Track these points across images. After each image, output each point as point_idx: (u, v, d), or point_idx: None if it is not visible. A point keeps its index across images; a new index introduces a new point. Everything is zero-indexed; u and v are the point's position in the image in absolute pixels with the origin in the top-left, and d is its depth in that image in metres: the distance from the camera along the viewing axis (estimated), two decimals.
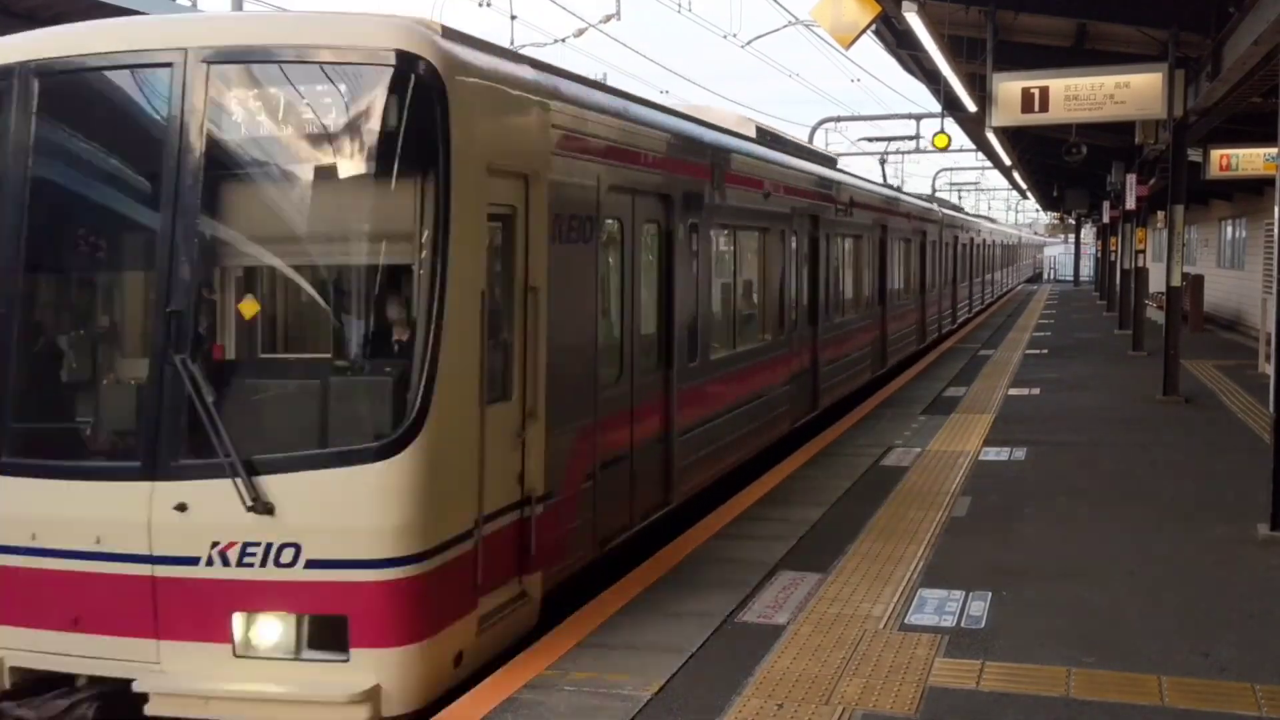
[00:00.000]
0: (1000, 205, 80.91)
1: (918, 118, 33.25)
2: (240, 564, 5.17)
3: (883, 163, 36.40)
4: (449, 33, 5.70)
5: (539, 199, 6.20)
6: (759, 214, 11.14)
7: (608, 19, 21.59)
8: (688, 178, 8.88)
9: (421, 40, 5.41)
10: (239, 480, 5.11)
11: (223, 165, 5.50)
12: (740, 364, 10.59)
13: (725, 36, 25.86)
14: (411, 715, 5.42)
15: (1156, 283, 30.22)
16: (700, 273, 9.24)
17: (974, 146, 30.41)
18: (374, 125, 5.37)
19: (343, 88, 5.42)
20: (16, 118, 5.60)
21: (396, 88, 5.35)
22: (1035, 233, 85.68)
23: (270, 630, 5.22)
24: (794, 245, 12.45)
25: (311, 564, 5.14)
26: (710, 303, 9.66)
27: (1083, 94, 14.15)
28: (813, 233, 13.30)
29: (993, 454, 11.35)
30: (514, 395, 6.06)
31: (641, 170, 7.89)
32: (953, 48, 14.41)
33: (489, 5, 19.89)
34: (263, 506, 5.11)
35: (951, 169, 56.00)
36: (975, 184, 62.56)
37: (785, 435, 12.16)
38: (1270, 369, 8.63)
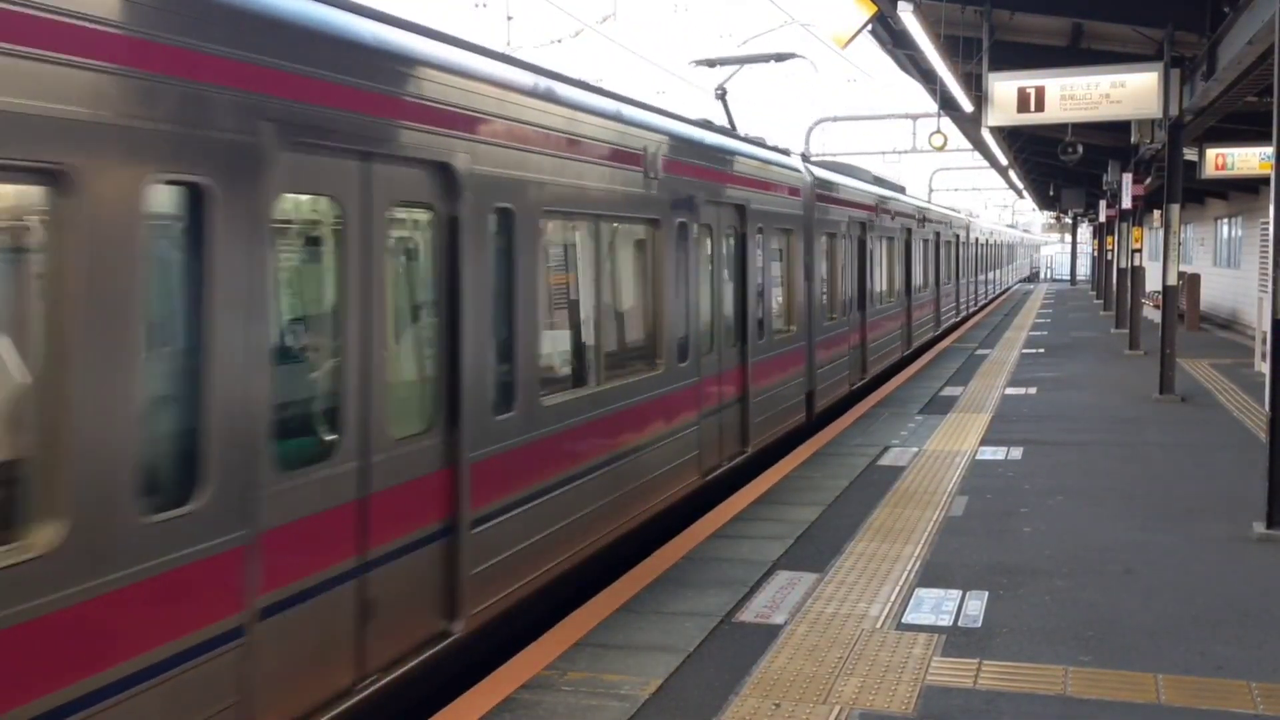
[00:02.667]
0: (997, 204, 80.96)
1: (914, 118, 33.32)
2: None
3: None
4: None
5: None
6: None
7: (605, 20, 21.64)
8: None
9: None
10: None
11: None
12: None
13: (721, 36, 25.91)
14: (408, 714, 5.43)
15: (1153, 281, 30.27)
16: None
17: (970, 146, 30.41)
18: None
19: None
20: None
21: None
22: (1022, 229, 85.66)
23: None
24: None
25: None
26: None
27: (1078, 93, 14.18)
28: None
29: (990, 453, 11.37)
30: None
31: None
32: (949, 47, 14.43)
33: (484, 6, 19.93)
34: None
35: (949, 169, 55.99)
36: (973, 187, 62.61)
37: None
38: (1266, 367, 8.64)
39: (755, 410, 11.04)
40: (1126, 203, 22.17)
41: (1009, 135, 24.25)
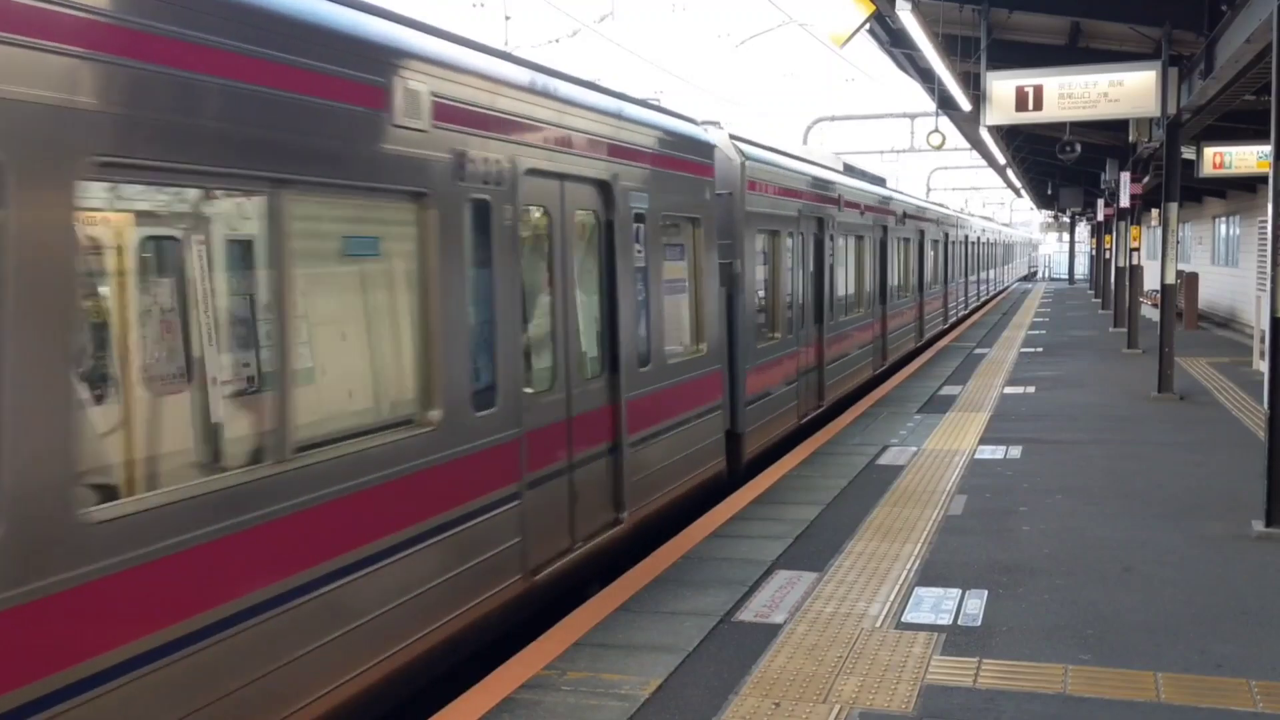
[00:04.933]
0: (994, 204, 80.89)
1: (912, 117, 33.34)
2: None
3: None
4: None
5: None
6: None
7: (602, 19, 21.64)
8: None
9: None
10: None
11: None
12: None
13: (719, 36, 26.00)
14: (406, 714, 5.42)
15: (1151, 280, 30.29)
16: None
17: (968, 145, 30.42)
18: None
19: None
20: None
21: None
22: (1004, 225, 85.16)
23: None
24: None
25: None
26: None
27: (1076, 92, 14.20)
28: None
29: (988, 452, 11.37)
30: None
31: None
32: (947, 46, 14.43)
33: (482, 6, 19.93)
34: None
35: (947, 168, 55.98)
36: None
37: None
38: (1264, 366, 8.64)
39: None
40: (1124, 201, 22.17)
41: (1007, 134, 24.25)
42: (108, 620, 3.77)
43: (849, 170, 17.81)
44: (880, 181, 20.74)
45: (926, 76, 18.82)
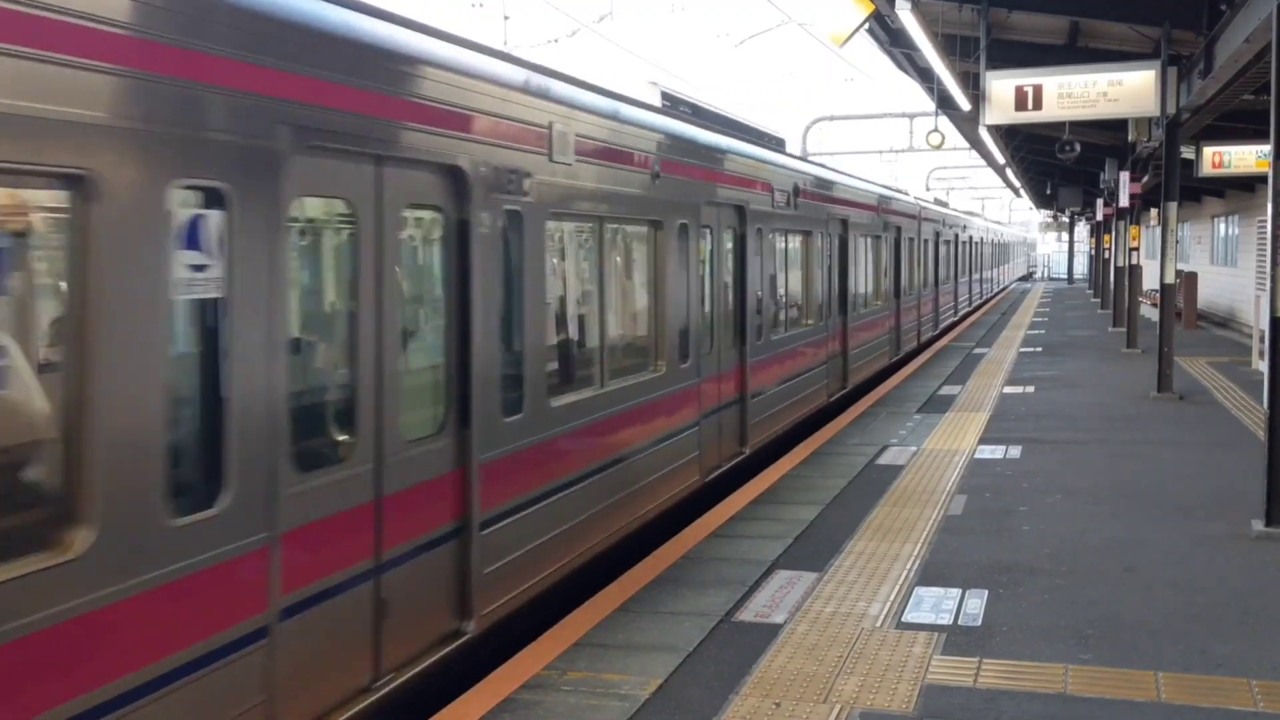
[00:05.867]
0: (990, 199, 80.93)
1: (911, 117, 33.34)
2: None
3: None
4: None
5: None
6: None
7: (601, 19, 21.67)
8: None
9: None
10: None
11: None
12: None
13: (718, 36, 25.98)
14: (408, 714, 5.43)
15: (1150, 280, 30.30)
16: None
17: (968, 145, 30.43)
18: None
19: None
20: None
21: None
22: (996, 223, 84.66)
23: None
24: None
25: None
26: None
27: (1076, 92, 14.22)
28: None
29: (988, 452, 11.37)
30: None
31: None
32: (946, 46, 14.44)
33: (481, 5, 19.93)
34: None
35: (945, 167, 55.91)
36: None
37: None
38: (1263, 365, 8.65)
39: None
40: (1124, 201, 22.18)
41: (1006, 134, 24.27)
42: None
43: (680, 107, 10.63)
44: (775, 144, 13.50)
45: (926, 76, 18.84)
